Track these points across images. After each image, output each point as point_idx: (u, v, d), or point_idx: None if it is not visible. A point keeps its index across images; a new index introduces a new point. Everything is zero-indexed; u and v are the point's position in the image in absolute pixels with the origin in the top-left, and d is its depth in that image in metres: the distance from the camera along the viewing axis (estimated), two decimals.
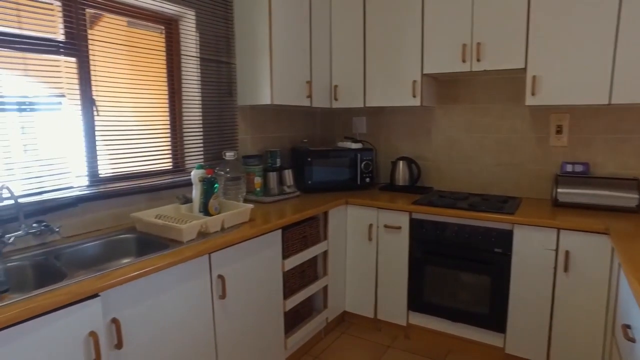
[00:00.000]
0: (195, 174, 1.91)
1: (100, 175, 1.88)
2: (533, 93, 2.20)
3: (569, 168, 2.39)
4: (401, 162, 2.84)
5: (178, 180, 2.17)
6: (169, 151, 2.21)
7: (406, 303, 2.46)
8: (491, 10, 2.25)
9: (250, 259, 1.85)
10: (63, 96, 1.74)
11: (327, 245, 2.43)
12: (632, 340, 1.32)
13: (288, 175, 2.61)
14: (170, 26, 2.17)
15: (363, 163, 2.81)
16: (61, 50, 1.71)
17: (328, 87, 2.82)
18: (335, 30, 2.78)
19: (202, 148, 2.34)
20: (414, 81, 2.52)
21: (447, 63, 2.41)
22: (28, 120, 1.63)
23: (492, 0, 2.24)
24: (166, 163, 2.19)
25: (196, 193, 1.92)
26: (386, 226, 2.46)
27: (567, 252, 1.96)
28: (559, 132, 2.45)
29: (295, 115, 3.06)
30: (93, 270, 1.35)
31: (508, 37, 2.23)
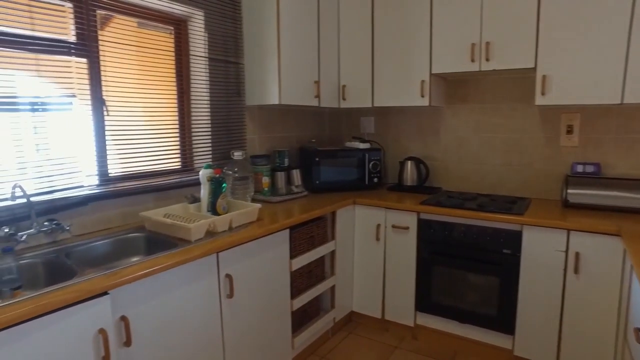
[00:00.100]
0: (203, 174, 1.92)
1: (109, 174, 1.90)
2: (543, 93, 2.17)
3: (580, 168, 2.36)
4: (409, 162, 2.83)
5: (186, 179, 2.19)
6: (178, 151, 2.22)
7: (414, 304, 2.45)
8: (501, 8, 2.23)
9: (257, 259, 1.86)
10: (74, 96, 1.77)
11: (335, 245, 2.43)
12: None
13: (296, 175, 2.61)
14: (179, 27, 2.18)
15: (371, 163, 2.81)
16: (72, 51, 1.74)
17: (336, 87, 2.82)
18: (343, 29, 2.78)
19: (211, 148, 2.35)
20: (423, 81, 2.51)
21: (456, 63, 2.39)
22: (40, 120, 1.65)
23: None
24: (175, 162, 2.21)
25: (204, 192, 1.93)
26: (394, 226, 2.45)
27: (578, 254, 1.94)
28: (570, 132, 2.42)
29: (303, 115, 3.07)
30: (102, 268, 1.37)
31: (518, 36, 2.20)
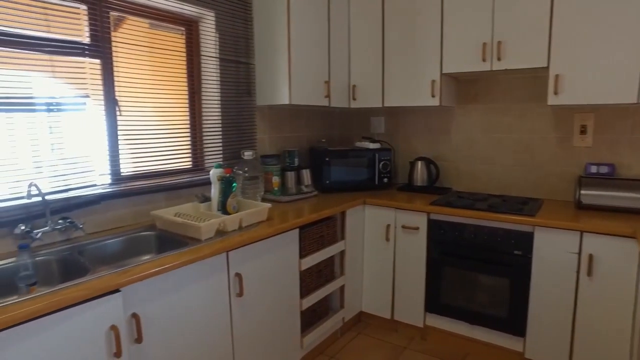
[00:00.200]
0: (214, 173, 1.94)
1: (122, 173, 1.93)
2: (556, 92, 2.14)
3: (594, 169, 2.32)
4: (419, 163, 2.81)
5: (197, 179, 2.21)
6: (189, 150, 2.25)
7: (423, 304, 2.44)
8: (512, 7, 2.21)
9: (267, 258, 1.87)
10: (87, 97, 1.80)
11: (345, 245, 2.43)
12: None
13: (306, 174, 2.62)
14: (190, 27, 2.21)
15: (381, 163, 2.80)
16: (86, 52, 1.77)
17: (346, 87, 2.82)
18: (353, 29, 2.78)
19: (221, 147, 2.37)
20: (433, 81, 2.49)
21: (467, 62, 2.37)
22: (55, 120, 1.68)
23: None
24: (186, 162, 2.23)
25: (215, 192, 1.95)
26: (404, 227, 2.44)
27: (591, 256, 1.91)
28: (583, 133, 2.38)
29: (313, 115, 3.07)
30: (114, 266, 1.39)
31: (530, 35, 2.18)
